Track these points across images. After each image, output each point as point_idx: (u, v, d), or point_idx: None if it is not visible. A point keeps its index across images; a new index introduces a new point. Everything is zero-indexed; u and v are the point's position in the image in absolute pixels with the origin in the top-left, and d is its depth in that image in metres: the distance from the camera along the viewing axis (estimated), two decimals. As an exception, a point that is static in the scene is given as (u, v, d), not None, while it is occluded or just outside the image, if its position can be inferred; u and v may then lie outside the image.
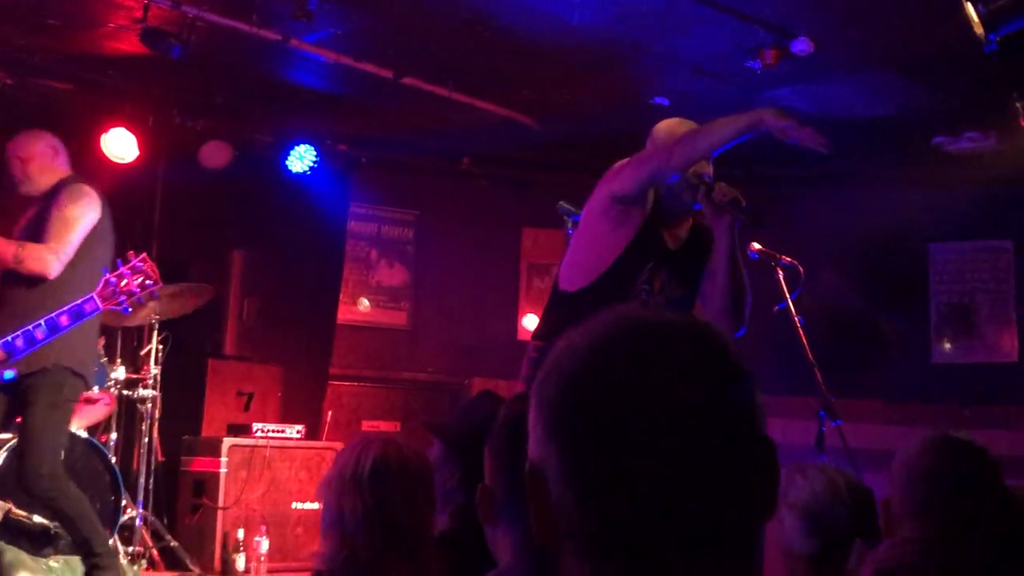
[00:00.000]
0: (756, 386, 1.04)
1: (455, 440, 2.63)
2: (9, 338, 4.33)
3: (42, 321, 4.35)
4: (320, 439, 7.22)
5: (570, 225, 5.17)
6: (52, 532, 5.37)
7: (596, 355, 1.02)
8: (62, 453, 4.94)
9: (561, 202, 5.13)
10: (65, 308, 4.37)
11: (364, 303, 8.22)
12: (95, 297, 4.39)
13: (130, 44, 6.18)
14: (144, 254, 4.49)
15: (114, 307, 4.41)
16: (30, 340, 4.33)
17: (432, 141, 8.19)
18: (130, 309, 4.47)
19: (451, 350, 8.38)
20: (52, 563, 5.29)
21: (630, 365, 1.00)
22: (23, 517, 5.29)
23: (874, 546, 2.60)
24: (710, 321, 1.11)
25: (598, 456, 0.99)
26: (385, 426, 8.09)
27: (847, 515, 2.59)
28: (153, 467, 6.27)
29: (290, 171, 7.65)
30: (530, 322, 8.59)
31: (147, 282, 4.38)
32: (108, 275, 4.33)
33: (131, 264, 4.40)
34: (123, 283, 4.34)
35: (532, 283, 8.68)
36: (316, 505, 6.48)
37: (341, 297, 8.15)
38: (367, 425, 8.06)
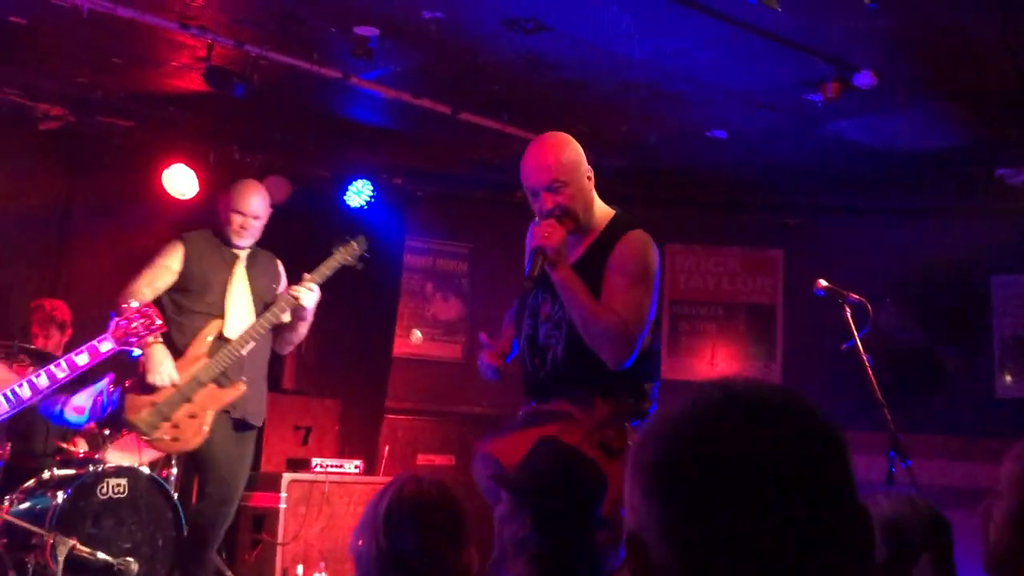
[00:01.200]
0: (847, 452, 1.07)
1: (520, 489, 2.61)
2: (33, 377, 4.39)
3: (63, 360, 4.40)
4: (377, 474, 7.23)
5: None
6: (115, 569, 5.40)
7: (695, 425, 1.05)
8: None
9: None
10: (84, 347, 4.44)
11: (417, 335, 8.22)
12: (110, 337, 4.45)
13: (191, 82, 6.27)
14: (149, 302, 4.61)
15: (125, 348, 4.47)
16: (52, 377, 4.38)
17: (486, 174, 8.20)
18: (137, 352, 4.57)
19: (506, 383, 8.33)
20: (115, 600, 5.32)
21: (728, 435, 1.03)
22: (87, 554, 5.33)
23: (942, 568, 2.57)
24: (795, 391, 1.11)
25: (699, 522, 1.00)
26: (440, 460, 8.08)
27: (923, 531, 2.56)
28: (213, 502, 6.28)
29: (348, 206, 7.71)
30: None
31: (152, 325, 4.45)
32: (116, 318, 4.39)
33: (138, 308, 4.46)
34: (132, 325, 4.40)
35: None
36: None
37: (397, 330, 8.17)
38: (423, 459, 8.06)
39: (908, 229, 7.83)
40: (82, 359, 4.08)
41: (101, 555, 5.35)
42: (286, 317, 5.54)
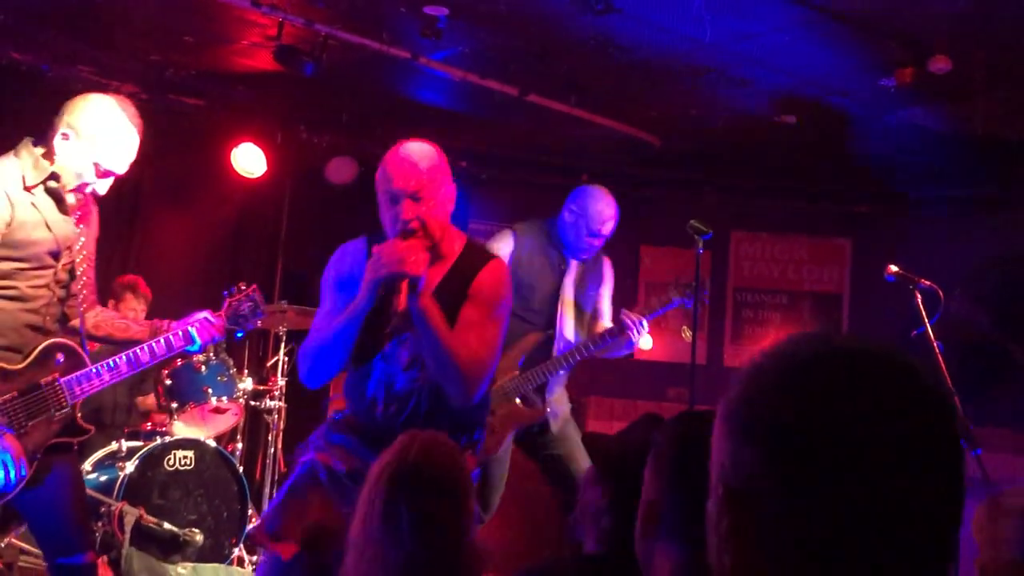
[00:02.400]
0: (955, 417, 1.07)
1: (608, 461, 2.60)
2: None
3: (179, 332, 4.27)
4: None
5: (700, 244, 5.09)
6: (181, 539, 5.49)
7: (803, 378, 1.04)
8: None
9: (692, 221, 5.06)
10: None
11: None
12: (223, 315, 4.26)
13: (260, 61, 6.32)
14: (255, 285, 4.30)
15: (232, 328, 4.14)
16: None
17: (551, 158, 8.19)
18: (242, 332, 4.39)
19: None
20: (180, 569, 5.40)
21: (838, 390, 1.02)
22: (153, 523, 5.42)
23: None
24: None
25: (802, 477, 1.00)
26: (501, 442, 8.09)
27: None
28: (277, 477, 6.36)
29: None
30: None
31: (258, 309, 4.12)
32: (228, 297, 4.10)
33: (246, 291, 4.16)
34: (241, 307, 4.08)
35: (650, 302, 8.58)
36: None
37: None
38: (483, 441, 8.06)
39: (981, 220, 7.70)
40: (178, 341, 3.74)
41: (167, 525, 5.44)
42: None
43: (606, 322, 5.27)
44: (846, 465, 0.99)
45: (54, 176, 3.46)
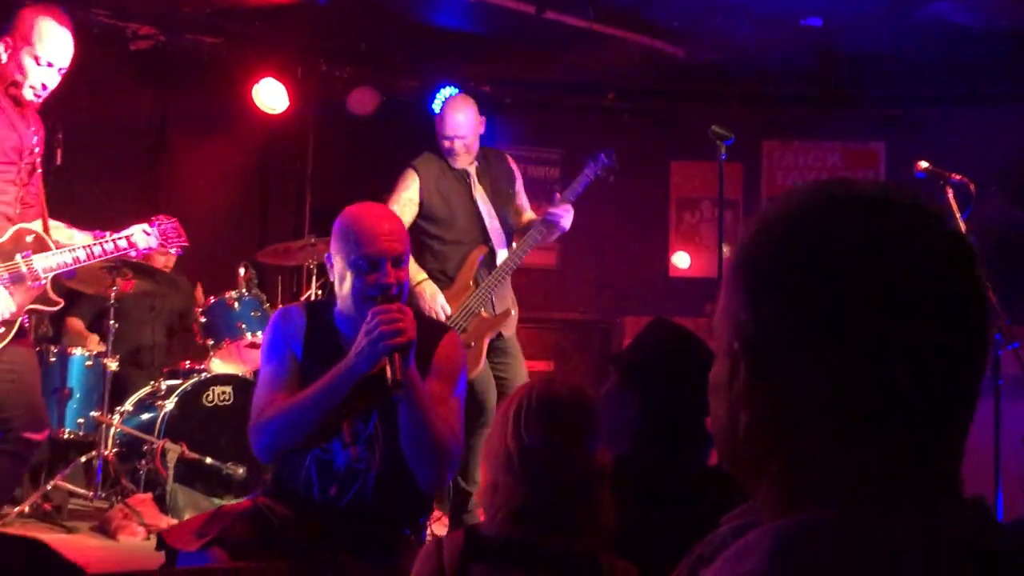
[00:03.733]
0: (978, 267, 1.01)
1: (634, 369, 2.59)
2: None
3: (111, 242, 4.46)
4: (476, 378, 7.27)
5: (723, 151, 5.01)
6: (223, 473, 5.56)
7: (816, 222, 1.00)
8: None
9: (713, 126, 4.97)
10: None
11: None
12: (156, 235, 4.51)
13: (276, -6, 6.27)
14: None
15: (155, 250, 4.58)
16: None
17: (575, 77, 8.10)
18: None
19: (601, 289, 8.33)
20: (224, 502, 5.48)
21: (849, 231, 0.98)
22: (195, 459, 5.49)
23: None
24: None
25: (814, 325, 0.96)
26: (539, 366, 8.11)
27: None
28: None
29: (436, 114, 7.66)
30: (680, 259, 8.48)
31: (179, 239, 4.52)
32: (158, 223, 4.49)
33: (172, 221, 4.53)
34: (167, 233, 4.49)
35: (682, 218, 8.55)
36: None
37: (491, 239, 8.16)
38: (521, 365, 8.09)
39: (1015, 115, 7.53)
40: (122, 244, 4.26)
41: (209, 460, 5.51)
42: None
43: (529, 214, 5.50)
44: (865, 311, 0.95)
45: (15, 82, 3.96)
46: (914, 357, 0.95)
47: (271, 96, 7.20)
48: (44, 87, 4.01)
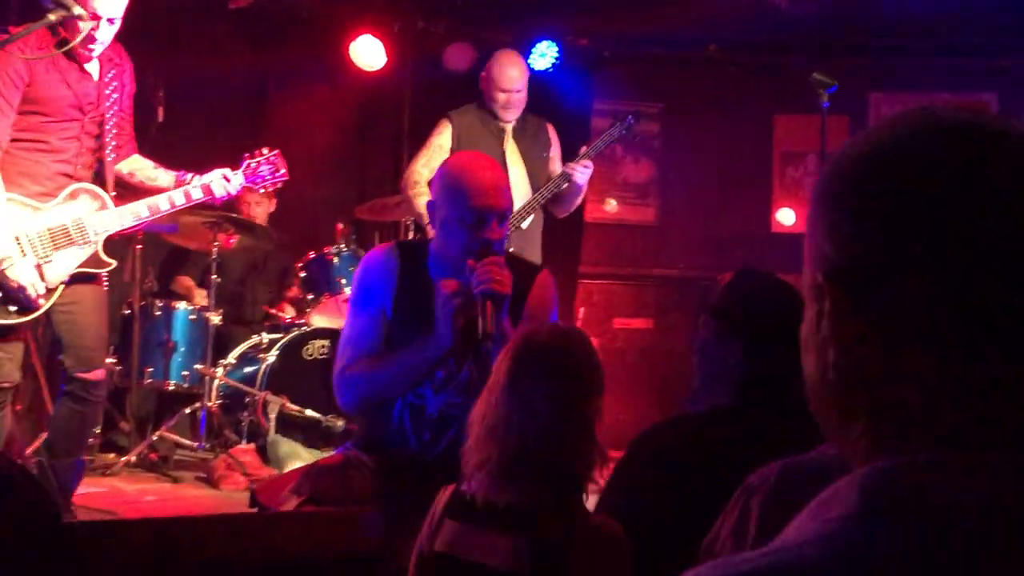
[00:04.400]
0: None
1: (730, 315, 2.53)
2: None
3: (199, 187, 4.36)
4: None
5: (825, 99, 4.87)
6: (323, 425, 5.63)
7: (914, 145, 0.93)
8: None
9: (815, 74, 4.84)
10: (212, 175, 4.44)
11: (612, 204, 8.14)
12: (241, 174, 4.44)
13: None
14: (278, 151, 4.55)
15: (251, 186, 4.47)
16: None
17: (676, 30, 7.94)
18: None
19: (702, 245, 8.20)
20: (324, 454, 5.55)
21: (947, 156, 0.91)
22: (296, 411, 5.57)
23: None
24: None
25: (936, 250, 0.89)
26: (638, 323, 8.05)
27: None
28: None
29: (532, 69, 7.60)
30: (784, 215, 8.30)
31: (277, 173, 4.46)
32: (248, 159, 4.46)
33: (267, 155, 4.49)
34: (260, 169, 4.43)
35: (786, 172, 8.36)
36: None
37: (588, 195, 8.08)
38: (619, 323, 8.04)
39: None
40: (196, 195, 4.15)
41: (309, 412, 5.59)
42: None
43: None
44: (963, 236, 0.88)
45: (65, 39, 3.89)
46: (1014, 284, 0.88)
47: (368, 53, 7.21)
48: (95, 40, 3.93)
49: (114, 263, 4.09)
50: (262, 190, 4.52)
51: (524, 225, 5.38)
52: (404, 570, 2.17)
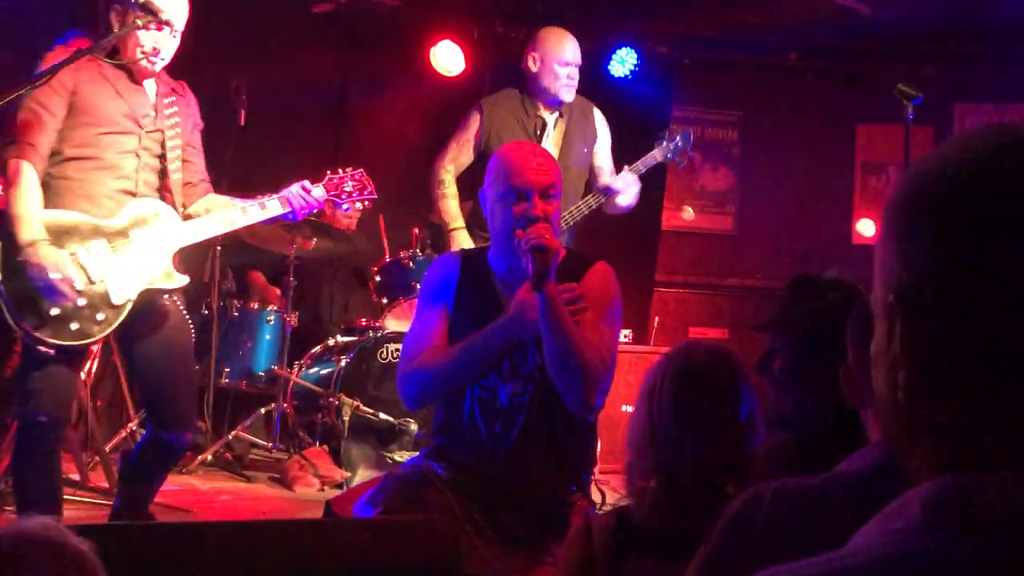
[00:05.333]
0: None
1: (784, 328, 2.49)
2: None
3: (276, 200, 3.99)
4: (647, 343, 7.19)
5: (910, 111, 4.78)
6: (396, 429, 5.64)
7: (992, 158, 0.91)
8: None
9: (900, 85, 4.74)
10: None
11: (689, 212, 8.07)
12: (323, 187, 4.08)
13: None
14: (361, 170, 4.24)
15: (335, 200, 4.11)
16: None
17: (756, 37, 7.85)
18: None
19: (780, 255, 8.10)
20: (396, 458, 5.56)
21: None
22: (370, 414, 5.59)
23: None
24: None
25: (986, 267, 0.88)
26: (712, 333, 7.97)
27: None
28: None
29: (612, 76, 7.57)
30: (865, 226, 8.17)
31: (364, 191, 4.12)
32: (331, 174, 4.11)
33: (352, 172, 4.17)
34: (345, 185, 4.10)
35: (867, 183, 8.22)
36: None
37: (664, 203, 8.04)
38: (694, 332, 7.97)
39: None
40: (296, 200, 3.81)
41: (383, 416, 5.60)
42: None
43: (605, 178, 5.21)
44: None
45: (116, 48, 3.63)
46: None
47: (448, 58, 7.24)
48: (156, 52, 3.64)
49: (186, 280, 3.73)
50: (346, 207, 4.22)
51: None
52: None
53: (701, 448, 2.04)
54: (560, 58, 5.07)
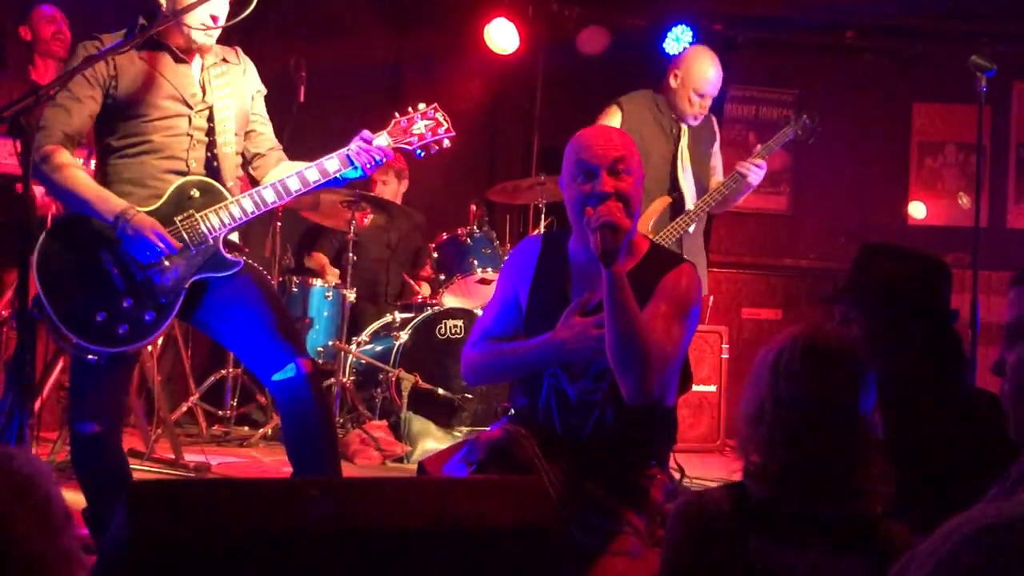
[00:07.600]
0: None
1: (860, 297, 2.50)
2: None
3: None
4: (702, 322, 7.15)
5: (983, 82, 4.70)
6: (456, 404, 5.66)
7: None
8: None
9: (973, 56, 4.67)
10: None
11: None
12: (386, 134, 3.66)
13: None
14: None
15: (403, 147, 3.67)
16: None
17: (812, 15, 7.78)
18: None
19: (835, 236, 8.01)
20: (456, 433, 5.58)
21: None
22: (429, 389, 5.60)
23: None
24: None
25: None
26: (766, 313, 7.92)
27: None
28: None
29: (667, 54, 7.52)
30: (916, 209, 8.08)
31: (439, 129, 3.67)
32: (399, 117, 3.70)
33: (424, 110, 3.74)
34: (412, 128, 3.66)
35: (924, 163, 8.13)
36: (701, 387, 6.45)
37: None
38: (747, 312, 7.93)
39: None
40: (356, 156, 3.41)
41: (442, 391, 5.62)
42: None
43: (718, 176, 5.37)
44: None
45: (157, 32, 3.36)
46: None
47: (502, 36, 7.23)
48: (215, 19, 3.38)
49: (242, 261, 3.43)
50: (420, 152, 3.65)
51: (692, 229, 5.15)
52: (572, 541, 2.14)
53: (822, 430, 1.97)
54: (699, 88, 5.16)
